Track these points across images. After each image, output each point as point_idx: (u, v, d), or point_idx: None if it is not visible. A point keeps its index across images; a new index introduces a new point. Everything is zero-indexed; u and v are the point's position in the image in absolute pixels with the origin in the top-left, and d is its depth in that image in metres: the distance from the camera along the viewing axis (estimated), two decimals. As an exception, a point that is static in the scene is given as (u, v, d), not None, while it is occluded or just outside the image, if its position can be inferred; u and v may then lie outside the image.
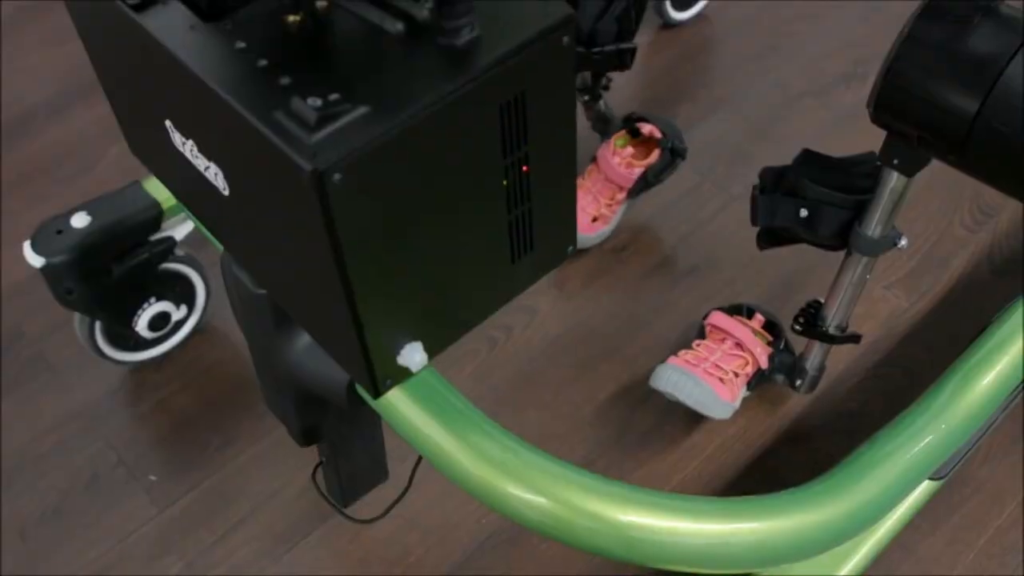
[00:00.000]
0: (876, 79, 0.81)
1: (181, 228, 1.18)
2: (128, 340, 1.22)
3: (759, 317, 1.18)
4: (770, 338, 1.16)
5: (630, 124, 1.33)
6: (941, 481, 0.90)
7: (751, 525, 0.74)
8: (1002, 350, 0.91)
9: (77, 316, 1.17)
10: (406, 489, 0.93)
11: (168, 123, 0.66)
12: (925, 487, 0.90)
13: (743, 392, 1.15)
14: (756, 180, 1.01)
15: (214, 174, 0.64)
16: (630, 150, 1.32)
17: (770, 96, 1.57)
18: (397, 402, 0.75)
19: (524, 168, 0.63)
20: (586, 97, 1.32)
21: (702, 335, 1.19)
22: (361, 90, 0.55)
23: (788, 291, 1.29)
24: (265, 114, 0.54)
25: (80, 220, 1.09)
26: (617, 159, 1.31)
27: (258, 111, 0.55)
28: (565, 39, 0.59)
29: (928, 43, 0.78)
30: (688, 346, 1.17)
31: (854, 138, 0.97)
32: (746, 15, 1.71)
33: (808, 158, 0.98)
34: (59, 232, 1.09)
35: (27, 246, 1.08)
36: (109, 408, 1.24)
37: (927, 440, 0.85)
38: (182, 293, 1.23)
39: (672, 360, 1.15)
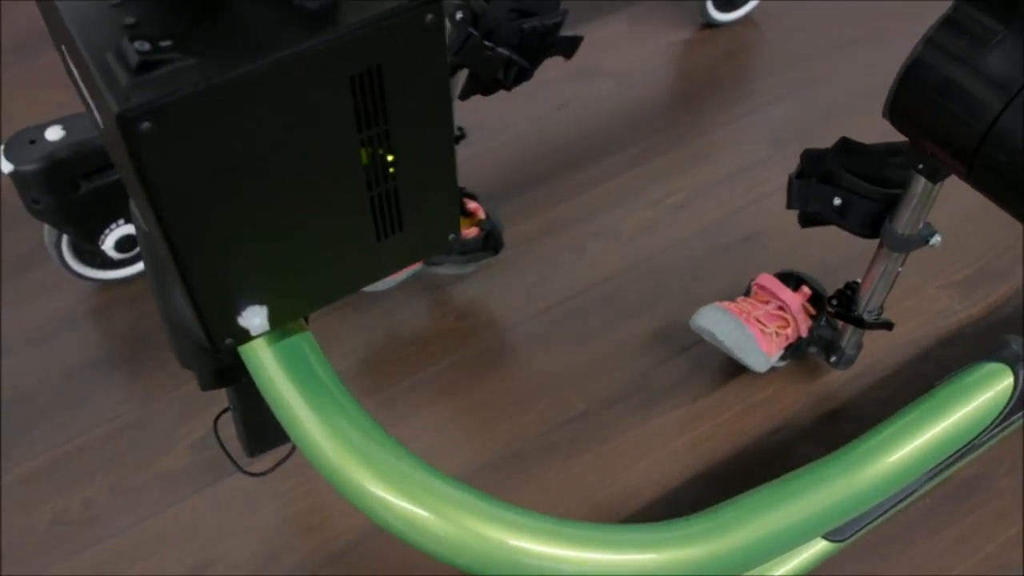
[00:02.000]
0: (892, 83, 0.79)
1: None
2: (95, 257, 1.24)
3: (805, 290, 1.15)
4: (813, 311, 1.14)
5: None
6: (839, 544, 0.85)
7: (593, 555, 0.70)
8: (932, 421, 0.86)
9: (46, 227, 1.19)
10: (294, 448, 0.93)
11: (69, 61, 0.65)
12: (821, 547, 0.85)
13: (779, 354, 1.14)
14: None
15: (90, 109, 0.63)
16: None
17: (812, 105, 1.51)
18: (265, 364, 0.74)
19: (386, 146, 0.61)
20: None
21: (747, 293, 1.18)
22: (199, 41, 0.53)
23: (843, 269, 1.19)
24: (98, 53, 0.53)
25: (54, 133, 1.10)
26: None
27: (93, 49, 0.53)
28: (429, 17, 0.56)
29: (945, 54, 0.76)
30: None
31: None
32: (797, 22, 1.64)
33: (846, 146, 0.98)
34: (32, 142, 1.10)
35: (-1, 151, 1.10)
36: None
37: (828, 499, 0.80)
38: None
39: (716, 303, 1.13)
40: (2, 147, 1.10)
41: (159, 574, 1.05)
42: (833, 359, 1.14)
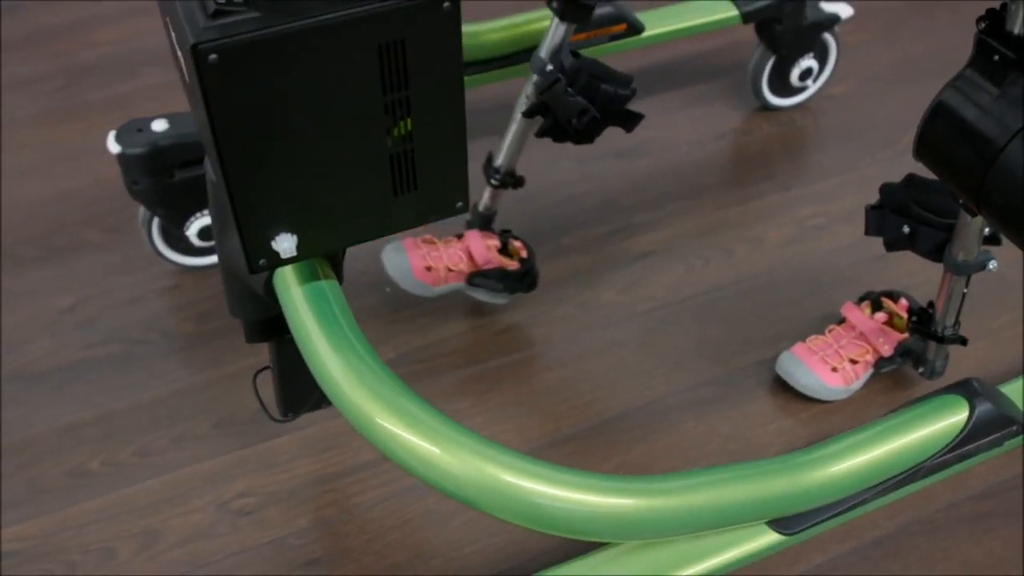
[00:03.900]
0: (918, 125, 0.91)
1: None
2: (180, 242, 1.40)
3: (904, 302, 1.28)
4: (909, 325, 1.25)
5: (505, 237, 1.36)
6: (788, 537, 0.92)
7: (554, 491, 0.80)
8: (882, 440, 0.93)
9: (140, 208, 1.36)
10: (320, 398, 1.05)
11: (169, 28, 0.81)
12: (772, 538, 0.92)
13: (867, 375, 1.28)
14: None
15: (178, 58, 0.79)
16: (496, 243, 1.35)
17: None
18: (295, 304, 0.87)
19: (405, 111, 0.74)
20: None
21: (841, 320, 1.31)
22: (265, 1, 0.68)
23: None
24: (187, 4, 0.69)
25: (159, 125, 1.28)
26: (485, 242, 1.34)
27: (185, 2, 0.69)
28: (447, 4, 0.70)
29: (962, 99, 0.86)
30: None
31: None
32: (848, 119, 1.75)
33: (912, 181, 1.12)
34: (139, 130, 1.28)
35: (111, 135, 1.28)
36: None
37: (771, 490, 0.89)
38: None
39: (796, 347, 1.29)
40: (114, 132, 1.29)
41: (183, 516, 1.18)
42: (921, 370, 1.25)
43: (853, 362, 1.27)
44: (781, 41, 1.61)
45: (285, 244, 0.77)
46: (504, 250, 1.37)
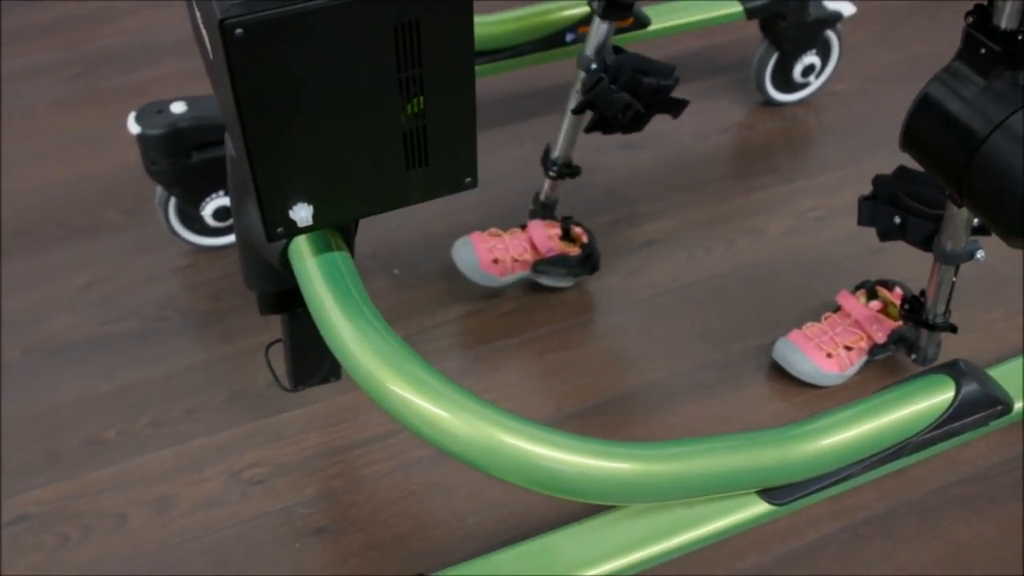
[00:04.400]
0: (904, 117, 0.95)
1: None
2: (195, 223, 1.45)
3: (898, 291, 1.32)
4: (901, 313, 1.29)
5: (567, 224, 1.43)
6: (778, 507, 0.96)
7: (555, 453, 0.84)
8: (868, 417, 0.97)
9: (158, 187, 1.41)
10: (329, 371, 1.10)
11: (195, 9, 0.85)
12: (761, 508, 0.96)
13: (861, 361, 1.32)
14: None
15: (202, 37, 0.83)
16: (557, 231, 1.42)
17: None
18: (309, 274, 0.91)
19: (419, 89, 0.78)
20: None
21: (837, 308, 1.35)
22: (287, -18, 0.72)
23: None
24: (215, -18, 0.73)
25: (178, 107, 1.33)
26: (546, 231, 1.41)
27: (212, -20, 0.73)
28: (458, -11, 0.74)
29: (947, 93, 0.90)
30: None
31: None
32: (850, 116, 1.79)
33: (903, 173, 1.16)
34: (159, 112, 1.33)
35: (131, 116, 1.33)
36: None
37: (760, 460, 0.92)
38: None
39: (792, 334, 1.33)
40: (134, 113, 1.33)
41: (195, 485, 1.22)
42: (914, 356, 1.29)
43: (847, 348, 1.31)
44: (784, 37, 1.64)
45: (302, 213, 0.81)
46: (566, 236, 1.43)
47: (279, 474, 1.23)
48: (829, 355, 1.31)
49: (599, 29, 1.26)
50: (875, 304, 1.32)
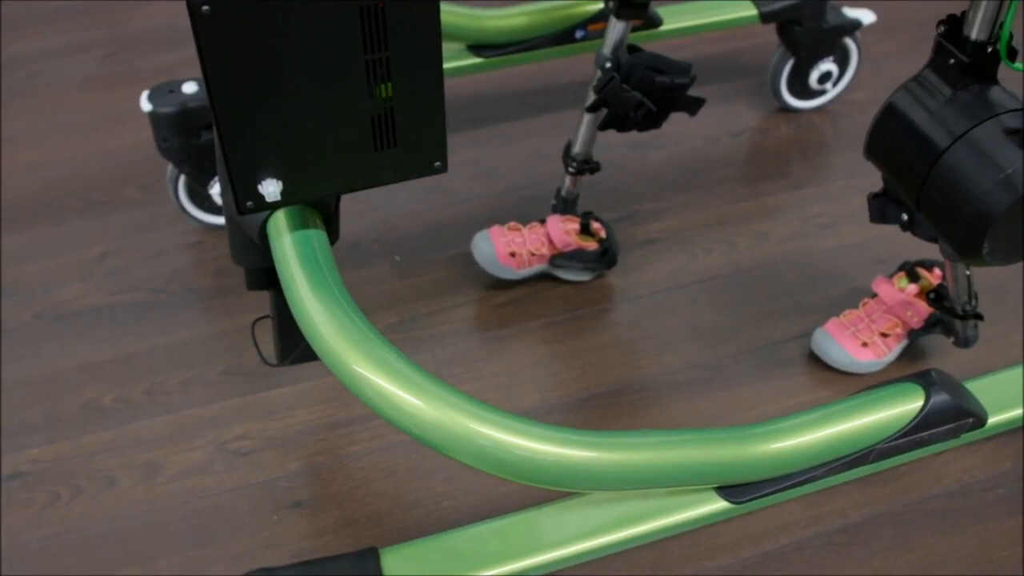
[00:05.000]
0: (869, 126, 0.95)
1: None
2: (204, 201, 1.49)
3: (938, 272, 1.32)
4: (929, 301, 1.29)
5: (586, 219, 1.44)
6: (736, 505, 0.96)
7: (503, 435, 0.85)
8: (835, 421, 0.97)
9: (169, 166, 1.45)
10: (301, 348, 1.12)
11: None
12: (718, 505, 0.97)
13: (900, 346, 1.33)
14: None
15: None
16: (575, 226, 1.43)
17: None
18: (284, 249, 0.93)
19: (386, 73, 0.80)
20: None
21: (875, 295, 1.36)
22: (257, -37, 0.75)
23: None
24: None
25: (189, 88, 1.37)
26: (563, 226, 1.42)
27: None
28: (423, -25, 0.76)
29: (912, 103, 0.90)
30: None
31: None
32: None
33: None
34: (171, 91, 1.37)
35: (144, 95, 1.37)
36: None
37: (717, 456, 0.93)
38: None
39: (829, 323, 1.35)
40: (147, 92, 1.37)
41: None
42: (953, 339, 1.29)
43: (884, 335, 1.32)
44: (800, 43, 1.64)
45: (270, 188, 0.84)
46: (586, 231, 1.45)
47: (265, 448, 1.26)
48: (865, 344, 1.31)
49: (615, 28, 1.27)
50: (911, 288, 1.32)
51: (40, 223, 1.57)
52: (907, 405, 1.00)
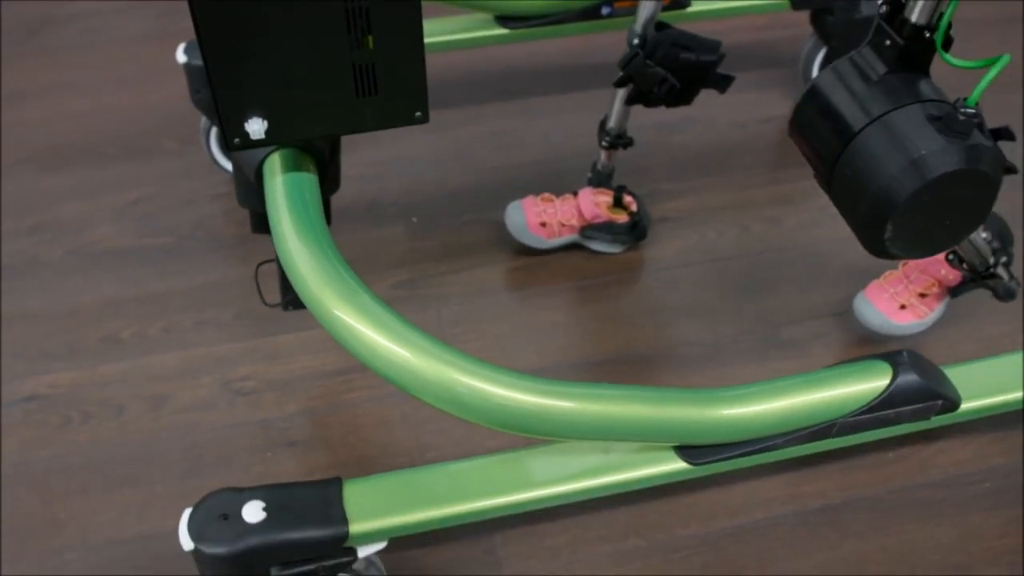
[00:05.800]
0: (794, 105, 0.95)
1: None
2: (233, 153, 1.55)
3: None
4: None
5: (619, 192, 1.47)
6: (693, 467, 0.98)
7: (483, 385, 0.88)
8: (797, 391, 0.98)
9: (203, 118, 1.51)
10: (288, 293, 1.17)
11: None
12: (676, 465, 0.98)
13: (943, 304, 1.33)
14: None
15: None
16: (607, 199, 1.46)
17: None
18: (275, 189, 0.98)
19: (366, 25, 0.84)
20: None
21: None
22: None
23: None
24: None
25: (222, 42, 1.42)
26: (594, 198, 1.46)
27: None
28: (402, -77, 0.80)
29: (835, 83, 0.91)
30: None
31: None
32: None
33: None
34: (204, 45, 1.42)
35: (180, 47, 1.43)
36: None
37: (678, 415, 0.95)
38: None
39: (869, 286, 1.35)
40: (184, 45, 1.44)
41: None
42: (993, 294, 1.26)
43: (922, 296, 1.32)
44: (832, 32, 1.63)
45: (255, 127, 0.88)
46: (618, 204, 1.48)
47: (266, 389, 1.31)
48: (903, 306, 1.31)
49: (645, 6, 1.29)
50: None
51: (81, 167, 1.65)
52: (873, 382, 1.00)
